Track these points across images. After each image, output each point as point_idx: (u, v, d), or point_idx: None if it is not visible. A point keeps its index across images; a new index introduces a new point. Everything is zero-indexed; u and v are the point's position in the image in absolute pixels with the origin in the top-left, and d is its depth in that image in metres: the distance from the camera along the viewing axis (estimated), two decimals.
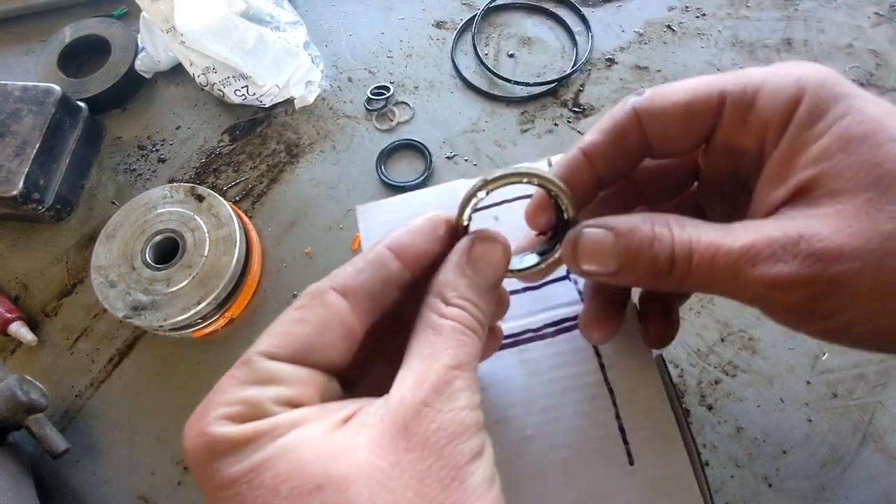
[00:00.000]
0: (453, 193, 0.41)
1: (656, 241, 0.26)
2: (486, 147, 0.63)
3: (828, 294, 0.23)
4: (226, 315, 0.57)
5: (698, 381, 0.50)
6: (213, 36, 0.61)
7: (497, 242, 0.28)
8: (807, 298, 0.24)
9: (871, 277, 0.23)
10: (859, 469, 0.46)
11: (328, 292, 0.26)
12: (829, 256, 0.23)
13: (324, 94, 0.68)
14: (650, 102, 0.28)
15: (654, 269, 0.26)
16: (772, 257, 0.24)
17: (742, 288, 0.25)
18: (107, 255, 0.56)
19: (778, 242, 0.24)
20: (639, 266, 0.27)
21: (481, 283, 0.27)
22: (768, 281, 0.24)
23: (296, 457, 0.22)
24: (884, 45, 0.64)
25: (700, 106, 0.28)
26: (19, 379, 0.49)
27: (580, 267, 0.28)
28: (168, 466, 0.53)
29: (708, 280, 0.25)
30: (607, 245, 0.27)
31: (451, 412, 0.23)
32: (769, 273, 0.24)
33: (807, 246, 0.23)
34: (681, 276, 0.26)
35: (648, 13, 0.69)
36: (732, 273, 0.24)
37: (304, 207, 0.62)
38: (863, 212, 0.23)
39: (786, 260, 0.23)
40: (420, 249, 0.28)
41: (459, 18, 0.71)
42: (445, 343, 0.25)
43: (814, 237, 0.23)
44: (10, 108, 0.62)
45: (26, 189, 0.59)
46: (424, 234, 0.28)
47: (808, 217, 0.24)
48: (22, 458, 0.51)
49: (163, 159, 0.67)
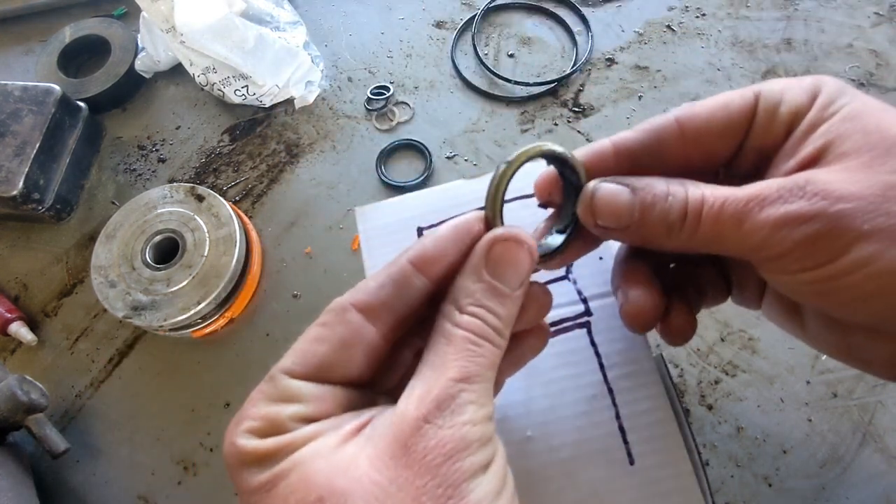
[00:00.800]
0: (453, 193, 0.41)
1: (671, 195, 0.27)
2: (486, 147, 0.63)
3: (832, 231, 0.24)
4: (226, 315, 0.57)
5: (698, 381, 0.50)
6: (213, 36, 0.61)
7: (519, 241, 0.27)
8: (812, 235, 0.24)
9: (873, 216, 0.24)
10: (859, 469, 0.46)
11: (348, 310, 0.26)
12: (834, 196, 0.24)
13: (324, 94, 0.68)
14: (689, 109, 0.29)
15: (666, 224, 0.27)
16: (779, 199, 0.25)
17: (748, 233, 0.25)
18: (107, 255, 0.56)
19: (785, 187, 0.25)
20: (652, 221, 0.27)
21: (501, 288, 0.26)
22: (776, 219, 0.25)
23: (304, 470, 0.23)
24: (884, 45, 0.64)
25: (736, 107, 0.28)
26: (19, 379, 0.49)
27: (595, 221, 0.29)
28: (168, 466, 0.53)
29: (717, 231, 0.26)
30: (623, 199, 0.28)
31: (451, 428, 0.23)
32: (776, 213, 0.25)
33: (813, 187, 0.24)
34: (692, 230, 0.27)
35: (648, 13, 0.69)
36: (740, 218, 0.25)
37: (304, 207, 0.62)
38: (866, 166, 0.25)
39: (793, 201, 0.25)
40: (445, 261, 0.27)
41: (459, 18, 0.71)
42: (455, 353, 0.25)
43: (820, 181, 0.25)
44: (10, 108, 0.62)
45: (26, 189, 0.59)
46: (450, 243, 0.27)
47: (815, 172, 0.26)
48: (22, 458, 0.51)
49: (163, 159, 0.67)
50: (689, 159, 0.29)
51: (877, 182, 0.24)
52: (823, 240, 0.24)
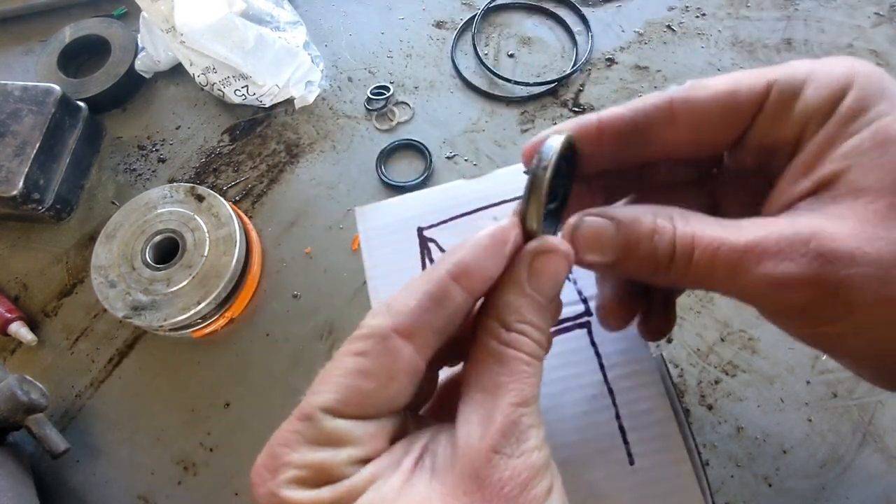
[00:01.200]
0: (453, 193, 0.41)
1: (657, 233, 0.25)
2: (486, 147, 0.63)
3: (833, 297, 0.22)
4: (226, 315, 0.57)
5: (698, 380, 0.50)
6: (213, 36, 0.61)
7: (559, 253, 0.26)
8: (810, 299, 0.23)
9: (880, 286, 0.22)
10: (859, 469, 0.46)
11: (391, 337, 0.23)
12: (840, 259, 0.22)
13: (324, 94, 0.68)
14: (689, 92, 0.27)
15: (653, 262, 0.25)
16: (779, 254, 0.23)
17: (744, 285, 0.24)
18: (107, 255, 0.56)
19: (787, 240, 0.23)
20: (638, 258, 0.26)
21: (541, 300, 0.25)
22: (773, 279, 0.23)
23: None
24: (884, 45, 0.64)
25: (743, 94, 0.26)
26: (19, 379, 0.49)
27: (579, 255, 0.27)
28: (168, 466, 0.53)
29: (709, 276, 0.24)
30: (607, 234, 0.26)
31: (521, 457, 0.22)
32: (775, 271, 0.23)
33: (817, 245, 0.22)
34: (681, 271, 0.25)
35: (648, 13, 0.69)
36: (735, 269, 0.24)
37: (304, 207, 0.62)
38: (882, 217, 0.22)
39: (793, 258, 0.22)
40: (485, 274, 0.25)
41: (459, 18, 0.71)
42: (509, 376, 0.23)
43: (827, 238, 0.22)
44: (10, 108, 0.62)
45: (26, 189, 0.59)
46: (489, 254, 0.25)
47: (825, 216, 0.23)
48: (22, 458, 0.51)
49: (163, 159, 0.67)
50: (678, 145, 0.27)
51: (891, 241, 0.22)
52: (823, 305, 0.23)
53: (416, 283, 0.25)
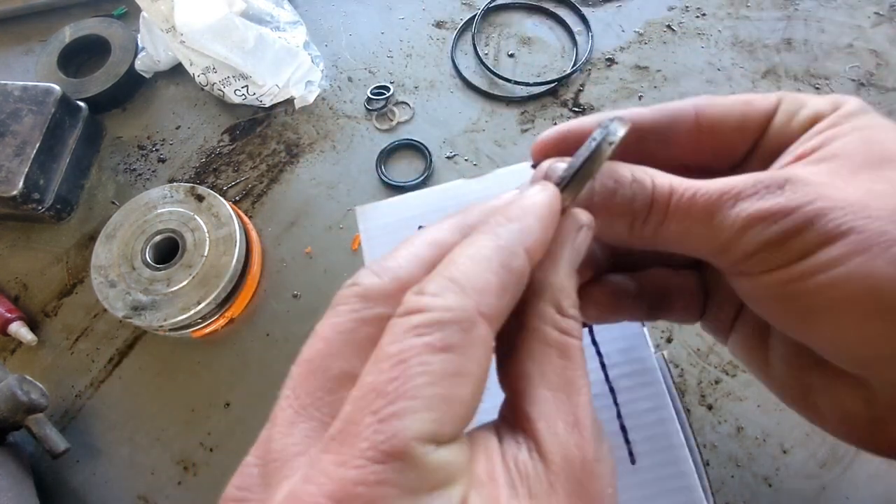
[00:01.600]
0: (454, 193, 0.41)
1: (635, 181, 0.24)
2: (486, 147, 0.63)
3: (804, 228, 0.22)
4: (226, 315, 0.56)
5: (698, 380, 0.50)
6: (213, 36, 0.61)
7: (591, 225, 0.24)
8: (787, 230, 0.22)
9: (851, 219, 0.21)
10: (859, 469, 0.46)
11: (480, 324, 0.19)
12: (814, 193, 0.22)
13: (324, 93, 0.68)
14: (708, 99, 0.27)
15: (631, 212, 0.24)
16: (755, 194, 0.23)
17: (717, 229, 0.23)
18: (107, 255, 0.56)
19: (763, 182, 0.23)
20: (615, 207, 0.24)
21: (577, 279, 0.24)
22: (747, 216, 0.22)
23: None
24: (884, 45, 0.64)
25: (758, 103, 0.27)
26: (19, 379, 0.49)
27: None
28: (168, 466, 0.53)
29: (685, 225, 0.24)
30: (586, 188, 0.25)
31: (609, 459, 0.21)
32: (750, 208, 0.22)
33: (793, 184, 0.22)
34: (657, 223, 0.24)
35: (648, 13, 0.69)
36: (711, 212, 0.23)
37: (304, 207, 0.62)
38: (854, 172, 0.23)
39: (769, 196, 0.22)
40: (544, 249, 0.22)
41: (459, 18, 0.71)
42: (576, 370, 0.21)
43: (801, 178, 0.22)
44: (9, 108, 0.62)
45: (26, 189, 0.59)
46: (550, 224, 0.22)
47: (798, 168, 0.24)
48: (22, 458, 0.51)
49: (163, 159, 0.67)
50: (699, 150, 0.28)
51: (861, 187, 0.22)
52: (794, 237, 0.22)
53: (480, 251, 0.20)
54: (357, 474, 0.16)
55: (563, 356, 0.21)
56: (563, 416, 0.20)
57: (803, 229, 0.22)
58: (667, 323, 0.52)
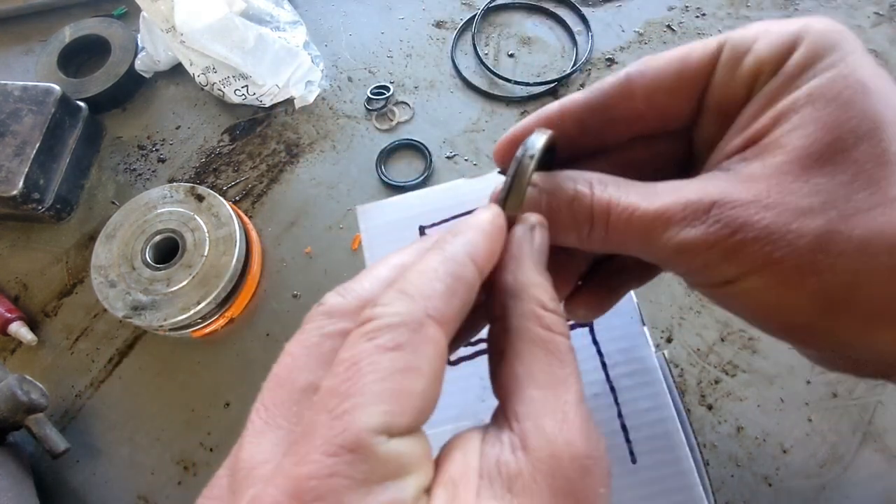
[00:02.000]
0: (454, 193, 0.41)
1: (575, 199, 0.25)
2: (486, 147, 0.63)
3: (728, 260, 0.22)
4: (226, 315, 0.56)
5: (698, 380, 0.50)
6: (213, 36, 0.61)
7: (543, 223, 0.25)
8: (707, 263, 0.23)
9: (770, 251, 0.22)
10: (859, 469, 0.46)
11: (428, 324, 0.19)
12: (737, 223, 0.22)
13: (324, 93, 0.68)
14: (644, 64, 0.26)
15: (576, 227, 0.25)
16: (682, 221, 0.23)
17: (654, 250, 0.24)
18: (107, 255, 0.56)
19: (692, 207, 0.23)
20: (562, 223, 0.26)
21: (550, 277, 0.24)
22: (676, 244, 0.23)
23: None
24: (884, 45, 0.64)
25: (695, 57, 0.25)
26: (19, 379, 0.49)
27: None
28: (168, 466, 0.53)
29: (625, 241, 0.25)
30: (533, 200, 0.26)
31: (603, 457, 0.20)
32: (677, 237, 0.23)
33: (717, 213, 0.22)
34: (601, 235, 0.25)
35: (648, 13, 0.69)
36: (646, 235, 0.24)
37: (304, 207, 0.62)
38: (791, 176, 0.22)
39: (695, 225, 0.23)
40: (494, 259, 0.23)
41: (459, 18, 0.71)
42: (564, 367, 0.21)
43: (727, 204, 0.22)
44: (10, 108, 0.62)
45: (26, 189, 0.59)
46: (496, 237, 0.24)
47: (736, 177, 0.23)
48: (22, 458, 0.51)
49: (163, 159, 0.67)
50: (640, 119, 0.27)
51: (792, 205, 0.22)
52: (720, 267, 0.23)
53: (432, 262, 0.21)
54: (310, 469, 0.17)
55: (549, 354, 0.21)
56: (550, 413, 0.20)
57: (722, 262, 0.23)
58: (667, 323, 0.52)
